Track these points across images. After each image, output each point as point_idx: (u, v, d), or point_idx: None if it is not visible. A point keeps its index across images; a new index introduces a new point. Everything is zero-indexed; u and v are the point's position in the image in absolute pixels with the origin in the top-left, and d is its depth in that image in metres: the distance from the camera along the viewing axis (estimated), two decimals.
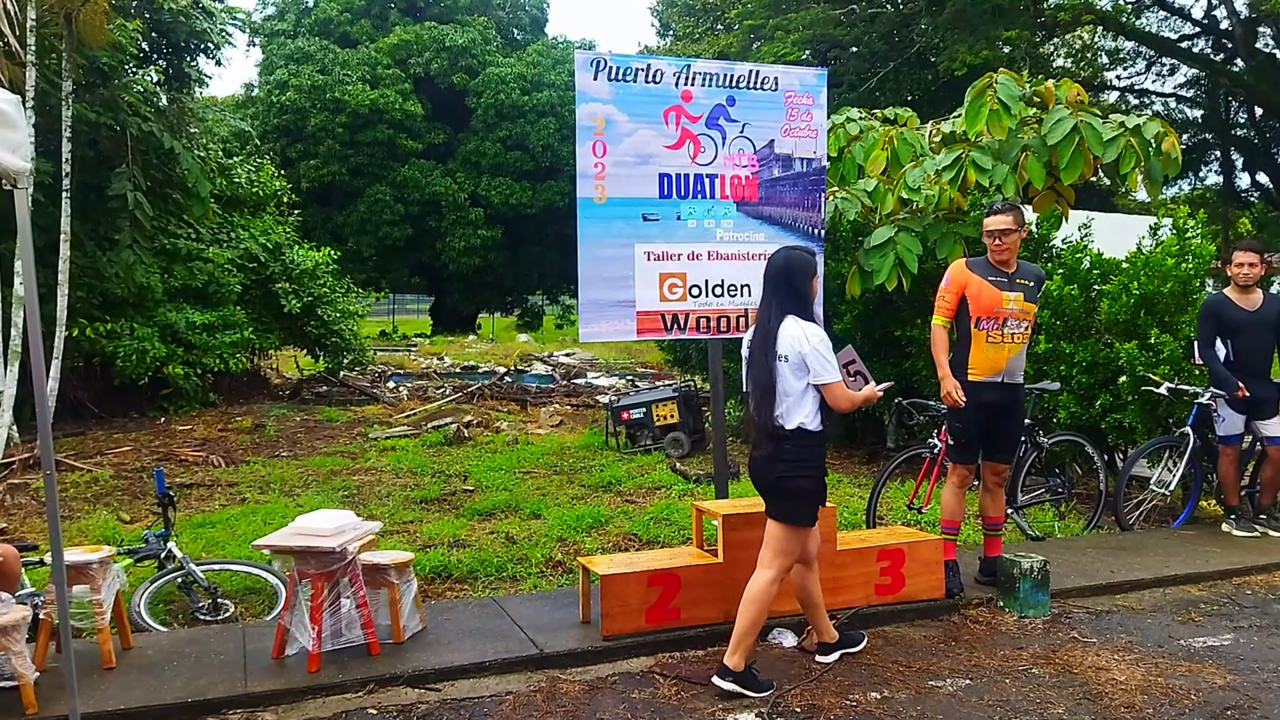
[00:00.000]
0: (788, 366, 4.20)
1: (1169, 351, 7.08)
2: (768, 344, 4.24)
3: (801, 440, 4.23)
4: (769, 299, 4.34)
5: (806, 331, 4.22)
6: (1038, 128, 6.98)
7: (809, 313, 4.34)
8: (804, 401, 4.21)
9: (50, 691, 4.00)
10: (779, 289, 4.33)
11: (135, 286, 12.15)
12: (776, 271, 4.35)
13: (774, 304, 4.31)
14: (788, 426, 4.20)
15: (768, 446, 4.27)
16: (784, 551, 4.29)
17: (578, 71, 5.42)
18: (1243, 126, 26.97)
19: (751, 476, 4.43)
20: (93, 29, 10.53)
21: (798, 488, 4.25)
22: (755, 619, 4.22)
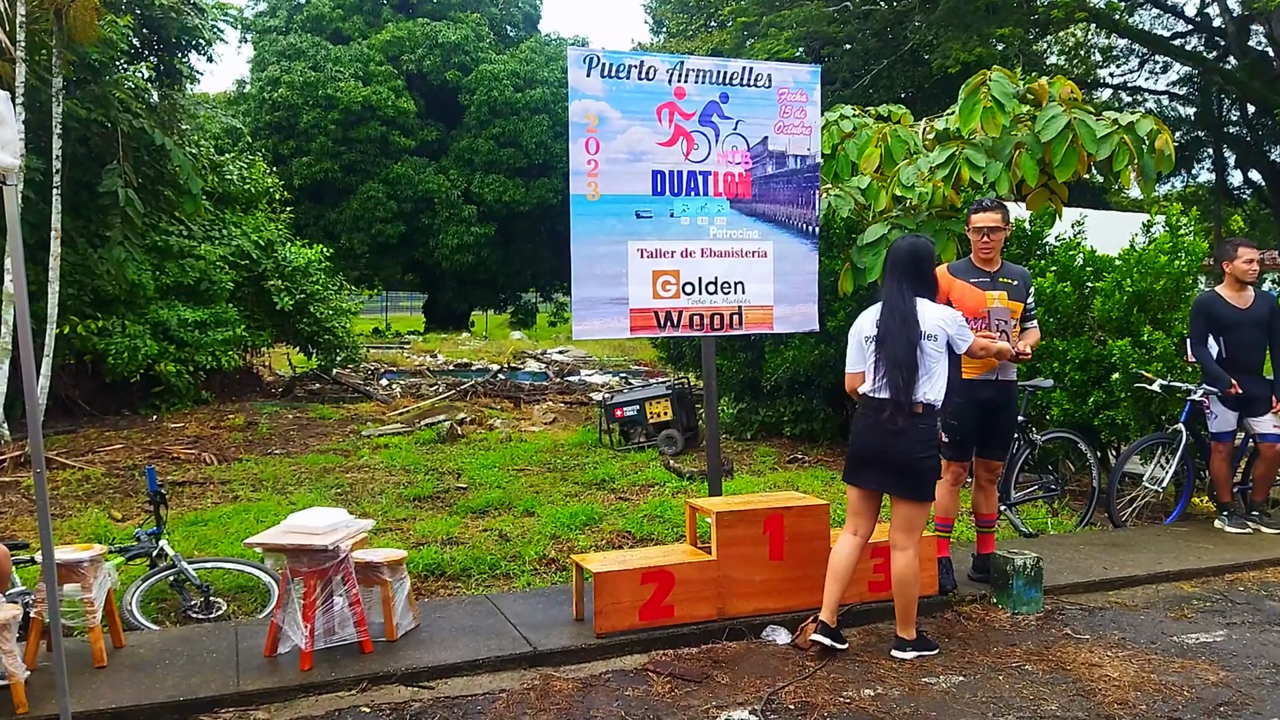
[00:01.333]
0: (934, 345, 4.51)
1: (1162, 348, 7.10)
2: (909, 323, 4.48)
3: (930, 417, 4.56)
4: (898, 282, 4.58)
5: (945, 314, 4.62)
6: (1031, 125, 6.98)
7: (935, 296, 4.69)
8: (938, 378, 4.54)
9: (41, 690, 3.98)
10: (909, 273, 4.59)
11: (126, 284, 12.10)
12: (905, 256, 4.61)
13: (905, 286, 4.56)
14: (925, 401, 4.51)
15: (903, 423, 4.49)
16: (917, 528, 4.65)
17: (570, 68, 5.40)
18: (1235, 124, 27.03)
19: (875, 455, 4.61)
20: (83, 25, 10.48)
21: (931, 465, 4.62)
22: (913, 596, 4.62)
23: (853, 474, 4.75)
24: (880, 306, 4.60)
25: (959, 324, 4.63)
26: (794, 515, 4.95)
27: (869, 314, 4.65)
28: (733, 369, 10.94)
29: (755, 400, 11.18)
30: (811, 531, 4.98)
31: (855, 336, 4.67)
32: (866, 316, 4.66)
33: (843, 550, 4.67)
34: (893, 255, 4.67)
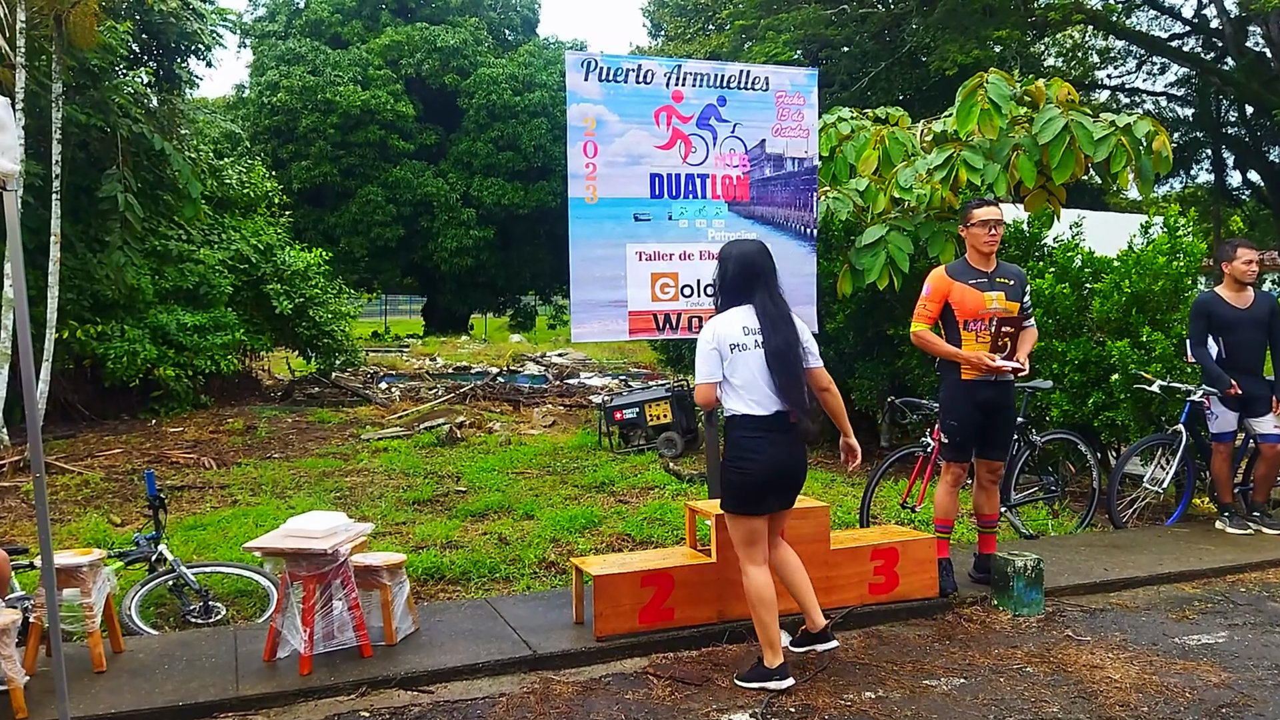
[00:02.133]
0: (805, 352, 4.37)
1: (1161, 349, 7.10)
2: (790, 327, 4.30)
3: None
4: (768, 287, 4.31)
5: (802, 324, 4.43)
6: (1029, 127, 7.00)
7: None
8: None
9: (40, 696, 3.97)
10: (773, 276, 4.36)
11: (126, 288, 12.10)
12: (764, 260, 4.34)
13: (775, 290, 4.33)
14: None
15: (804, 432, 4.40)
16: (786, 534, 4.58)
17: (568, 72, 5.41)
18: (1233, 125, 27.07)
19: (791, 473, 4.35)
20: (83, 31, 10.49)
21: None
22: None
23: (758, 501, 4.26)
24: (746, 313, 4.24)
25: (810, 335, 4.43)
26: (794, 518, 4.92)
27: (729, 320, 4.24)
28: None
29: None
30: (811, 533, 4.97)
31: (714, 344, 4.21)
32: (726, 323, 4.24)
33: (766, 581, 4.27)
34: (750, 260, 4.30)
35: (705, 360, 4.25)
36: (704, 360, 4.25)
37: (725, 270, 4.34)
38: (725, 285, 4.35)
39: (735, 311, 4.27)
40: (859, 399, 9.56)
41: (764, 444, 4.21)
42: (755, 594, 4.24)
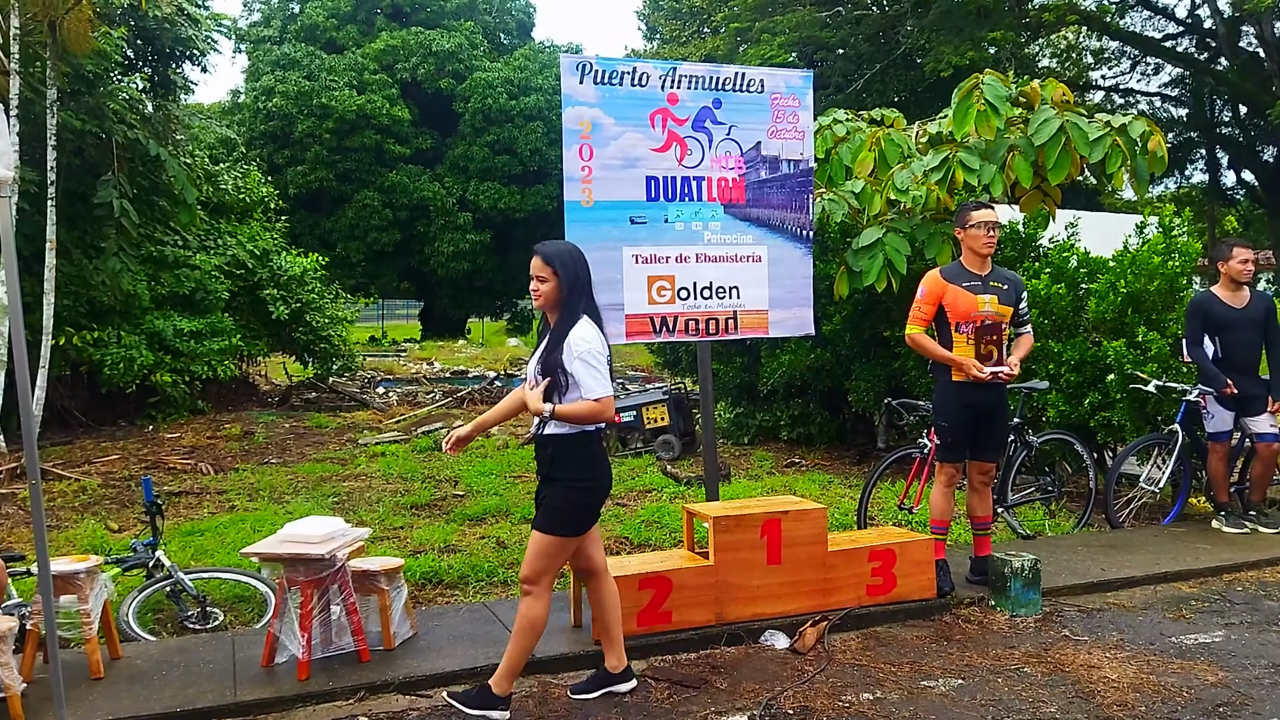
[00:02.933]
0: None
1: (1157, 349, 7.11)
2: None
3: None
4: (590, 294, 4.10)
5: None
6: (1024, 128, 7.00)
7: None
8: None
9: (38, 703, 3.97)
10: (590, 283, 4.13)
11: (122, 294, 12.10)
12: (586, 263, 4.12)
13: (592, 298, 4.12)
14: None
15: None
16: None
17: (564, 75, 5.41)
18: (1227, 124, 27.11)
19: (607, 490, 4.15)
20: (77, 36, 10.49)
21: None
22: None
23: (593, 517, 4.14)
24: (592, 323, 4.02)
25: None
26: (791, 520, 4.94)
27: (594, 329, 4.01)
28: (729, 374, 10.95)
29: (752, 405, 11.18)
30: (809, 536, 4.98)
31: (602, 355, 3.96)
32: (595, 331, 4.00)
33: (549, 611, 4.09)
34: (576, 263, 4.06)
35: (603, 370, 3.95)
36: (602, 370, 3.95)
37: (580, 270, 4.06)
38: (583, 286, 4.06)
39: (588, 321, 4.01)
40: (856, 400, 9.57)
41: (604, 459, 4.12)
42: (537, 623, 4.00)
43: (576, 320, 3.98)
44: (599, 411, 3.91)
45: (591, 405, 3.90)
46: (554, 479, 4.00)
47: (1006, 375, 5.30)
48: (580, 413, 3.91)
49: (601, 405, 3.91)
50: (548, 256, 4.02)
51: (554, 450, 3.99)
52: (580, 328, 3.96)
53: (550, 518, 3.99)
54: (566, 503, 3.99)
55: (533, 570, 4.00)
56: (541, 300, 4.05)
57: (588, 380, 3.89)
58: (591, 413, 3.91)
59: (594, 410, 3.90)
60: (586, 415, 3.92)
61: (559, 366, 3.92)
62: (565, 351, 3.92)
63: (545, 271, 4.01)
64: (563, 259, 4.03)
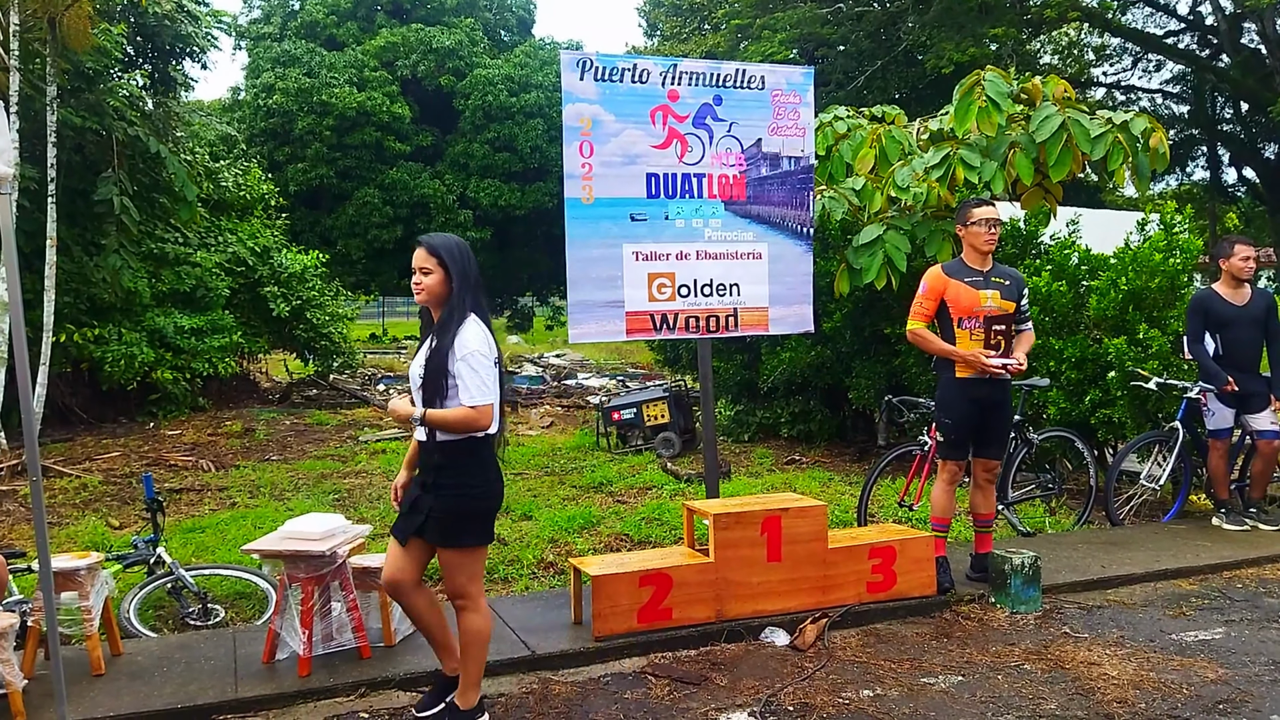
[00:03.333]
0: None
1: (1157, 346, 7.11)
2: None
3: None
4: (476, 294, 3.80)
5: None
6: (1026, 125, 7.00)
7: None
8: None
9: (39, 699, 3.98)
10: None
11: (122, 291, 12.09)
12: (473, 258, 3.84)
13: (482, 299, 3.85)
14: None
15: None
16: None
17: (564, 72, 5.41)
18: (1229, 122, 27.11)
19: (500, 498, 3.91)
20: (77, 33, 10.48)
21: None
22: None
23: (492, 523, 3.90)
24: (481, 323, 3.75)
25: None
26: (791, 517, 4.95)
27: (483, 329, 3.72)
28: (729, 371, 10.95)
29: (752, 402, 11.18)
30: (809, 533, 4.98)
31: (488, 358, 3.66)
32: (483, 332, 3.71)
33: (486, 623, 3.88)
34: (465, 256, 3.77)
35: (489, 374, 3.65)
36: (488, 374, 3.64)
37: (468, 264, 3.78)
38: (473, 282, 3.77)
39: (478, 320, 3.73)
40: (856, 398, 9.56)
41: (496, 464, 3.83)
42: (482, 633, 3.82)
43: (464, 319, 3.68)
44: (474, 419, 3.61)
45: (466, 412, 3.59)
46: (443, 487, 3.68)
47: (1015, 369, 5.30)
48: (453, 420, 3.62)
49: (478, 413, 3.60)
50: (433, 247, 3.74)
51: (442, 456, 3.69)
52: (468, 327, 3.66)
53: (452, 530, 3.70)
54: (463, 511, 3.70)
55: (457, 585, 3.77)
56: (425, 294, 3.74)
57: (469, 385, 3.59)
58: (467, 420, 3.60)
59: (468, 418, 3.60)
60: (460, 423, 3.61)
61: (442, 368, 3.63)
62: (450, 353, 3.62)
63: (430, 263, 3.72)
64: (450, 250, 3.74)
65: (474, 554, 3.79)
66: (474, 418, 3.61)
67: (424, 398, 3.70)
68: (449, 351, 3.62)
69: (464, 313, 3.69)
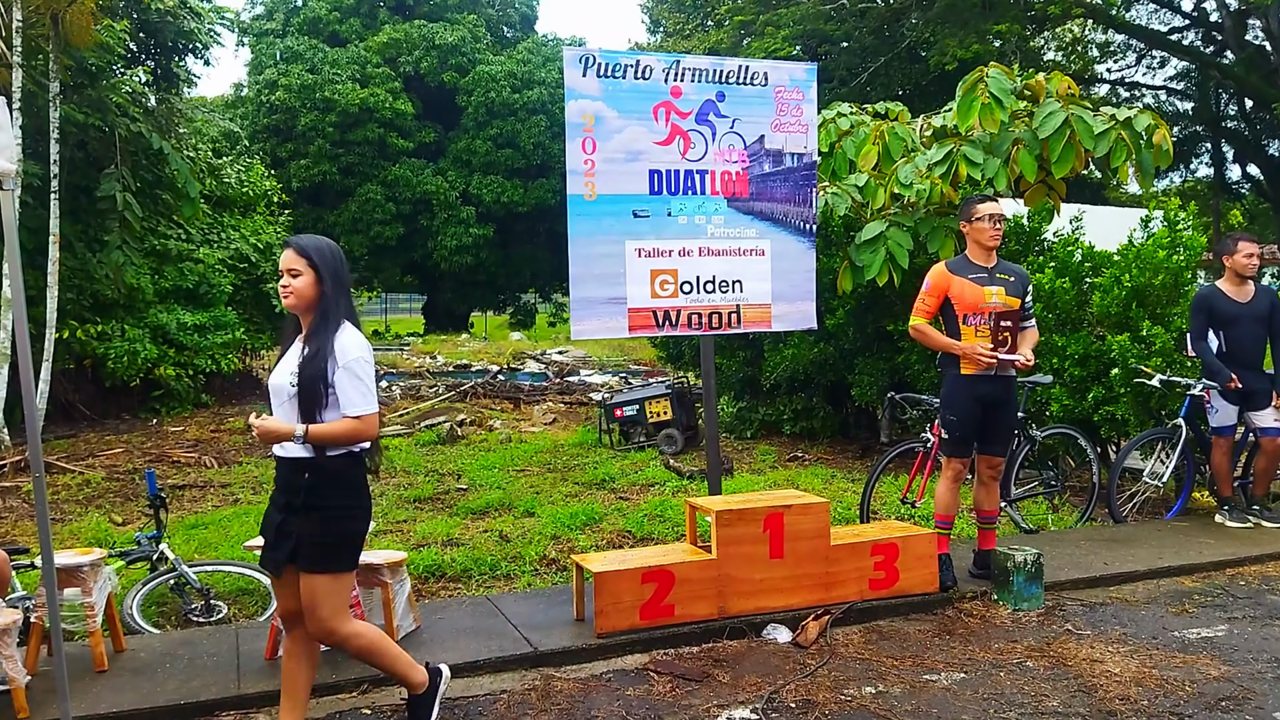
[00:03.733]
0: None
1: (1161, 343, 7.10)
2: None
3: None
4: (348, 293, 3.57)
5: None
6: (1029, 121, 6.99)
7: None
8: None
9: (42, 695, 3.98)
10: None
11: (125, 288, 12.11)
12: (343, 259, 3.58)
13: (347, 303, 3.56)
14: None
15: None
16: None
17: (567, 68, 5.40)
18: (1233, 118, 27.04)
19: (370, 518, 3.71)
20: (80, 30, 10.49)
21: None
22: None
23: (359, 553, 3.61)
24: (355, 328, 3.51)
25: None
26: (794, 513, 4.94)
27: (360, 335, 3.51)
28: (732, 368, 10.94)
29: (755, 399, 11.18)
30: (812, 530, 4.98)
31: (370, 365, 3.48)
32: (360, 337, 3.50)
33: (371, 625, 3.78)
34: (336, 258, 3.51)
35: (370, 382, 3.45)
36: (369, 382, 3.44)
37: (339, 266, 3.53)
38: (345, 285, 3.55)
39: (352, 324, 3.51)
40: (859, 395, 9.56)
41: (367, 483, 3.60)
42: (376, 641, 3.63)
43: (339, 324, 3.45)
44: (361, 431, 3.40)
45: (353, 424, 3.38)
46: (315, 509, 3.40)
47: (1022, 363, 5.29)
48: (340, 433, 3.38)
49: (364, 424, 3.40)
50: (302, 247, 3.48)
51: (314, 476, 3.40)
52: (346, 333, 3.44)
53: (323, 555, 3.42)
54: (338, 533, 3.44)
55: (321, 621, 3.45)
56: (294, 298, 3.46)
57: (352, 394, 3.38)
58: (353, 432, 3.39)
59: (355, 430, 3.39)
60: (347, 435, 3.39)
61: (320, 378, 3.37)
62: (328, 360, 3.38)
63: (299, 264, 3.45)
64: (320, 251, 3.49)
65: (343, 581, 3.50)
66: (360, 429, 3.40)
67: (302, 411, 3.39)
68: (328, 359, 3.38)
69: (339, 317, 3.46)
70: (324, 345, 3.39)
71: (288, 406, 3.42)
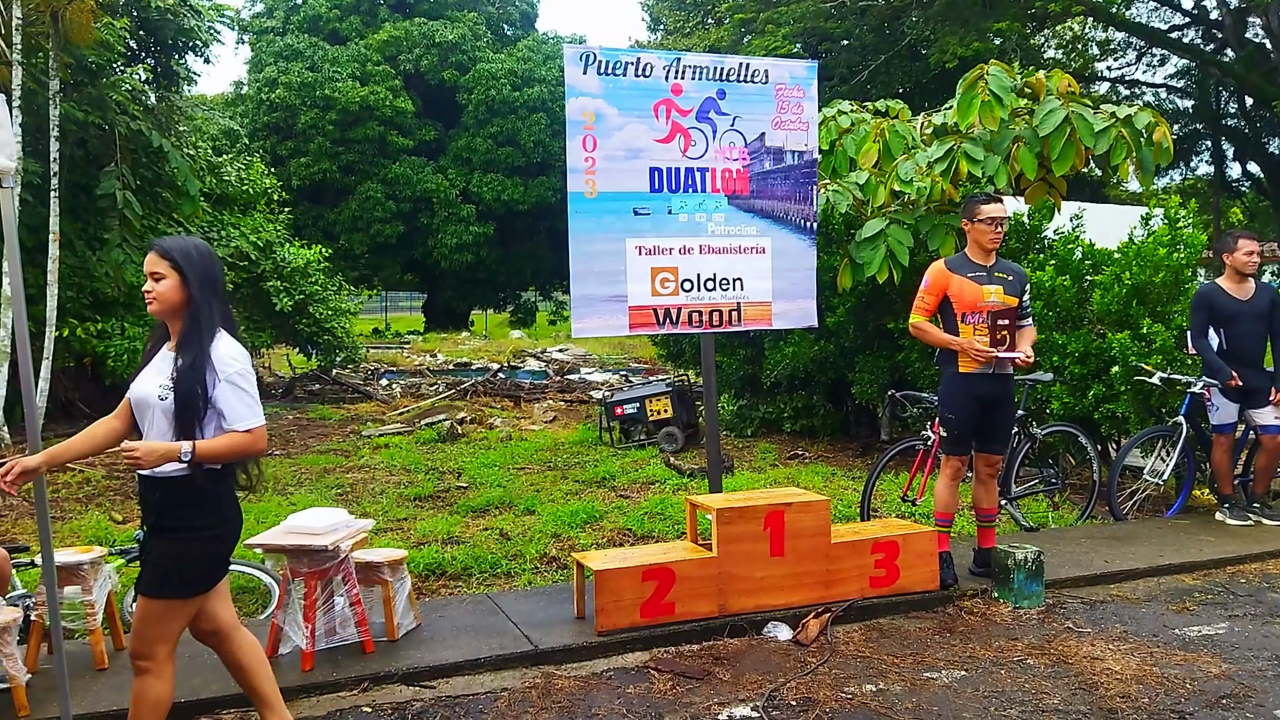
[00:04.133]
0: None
1: (1161, 341, 7.09)
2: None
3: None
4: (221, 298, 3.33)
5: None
6: (1029, 119, 6.99)
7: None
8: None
9: (42, 693, 3.98)
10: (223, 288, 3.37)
11: (125, 285, 12.09)
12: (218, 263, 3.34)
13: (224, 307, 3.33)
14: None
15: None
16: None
17: (567, 66, 5.39)
18: (1233, 116, 27.03)
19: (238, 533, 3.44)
20: (80, 27, 10.47)
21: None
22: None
23: (223, 568, 3.40)
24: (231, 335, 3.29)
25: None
26: (794, 511, 4.94)
27: (237, 343, 3.28)
28: (732, 366, 10.94)
29: (755, 397, 11.18)
30: (812, 528, 4.98)
31: (252, 375, 3.27)
32: (239, 346, 3.28)
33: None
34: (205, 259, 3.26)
35: (254, 393, 3.24)
36: (254, 393, 3.23)
37: (210, 268, 3.28)
38: (218, 290, 3.31)
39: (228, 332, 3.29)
40: (859, 393, 9.56)
41: (234, 496, 3.36)
42: (159, 705, 3.25)
43: (214, 331, 3.21)
44: (250, 444, 3.19)
45: (241, 438, 3.17)
46: (170, 529, 3.17)
47: (1023, 361, 5.29)
48: (227, 448, 3.16)
49: (254, 437, 3.19)
50: (165, 249, 3.22)
51: (167, 494, 3.15)
52: (223, 342, 3.22)
53: (163, 577, 3.17)
54: (188, 557, 3.19)
55: (144, 643, 3.19)
56: (158, 304, 3.21)
57: (238, 407, 3.16)
58: (242, 446, 3.18)
59: (244, 444, 3.18)
60: (235, 451, 3.18)
61: (197, 391, 3.12)
62: (206, 372, 3.15)
63: (161, 266, 3.19)
64: (186, 253, 3.23)
65: (181, 608, 3.22)
66: (249, 443, 3.19)
67: (179, 426, 3.14)
68: (205, 371, 3.14)
69: (213, 325, 3.22)
70: (199, 355, 3.15)
71: (160, 421, 3.16)
